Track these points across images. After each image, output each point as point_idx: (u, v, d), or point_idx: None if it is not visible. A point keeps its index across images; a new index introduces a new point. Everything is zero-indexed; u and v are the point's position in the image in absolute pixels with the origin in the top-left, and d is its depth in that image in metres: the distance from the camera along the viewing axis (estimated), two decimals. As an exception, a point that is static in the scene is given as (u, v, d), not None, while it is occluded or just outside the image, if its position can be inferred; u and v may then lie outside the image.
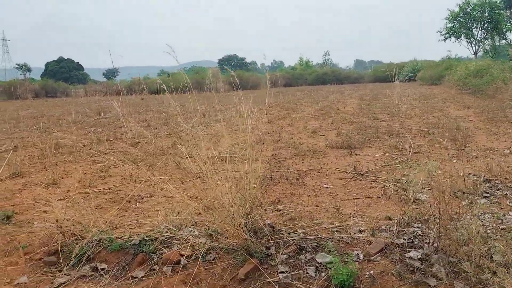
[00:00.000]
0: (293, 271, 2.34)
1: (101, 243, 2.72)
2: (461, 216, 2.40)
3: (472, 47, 46.44)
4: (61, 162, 5.82)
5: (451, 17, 45.55)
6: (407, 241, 2.62)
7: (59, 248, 2.66)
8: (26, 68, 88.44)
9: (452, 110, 11.01)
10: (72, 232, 2.75)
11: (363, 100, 16.26)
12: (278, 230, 2.78)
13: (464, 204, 2.77)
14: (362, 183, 4.19)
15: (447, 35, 46.36)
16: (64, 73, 74.91)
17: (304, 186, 4.19)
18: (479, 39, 45.67)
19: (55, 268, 2.56)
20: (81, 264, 2.56)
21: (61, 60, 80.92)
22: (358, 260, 2.44)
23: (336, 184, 4.21)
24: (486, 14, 43.12)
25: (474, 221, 2.36)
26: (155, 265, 2.52)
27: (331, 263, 2.34)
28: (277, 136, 7.40)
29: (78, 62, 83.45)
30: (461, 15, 44.67)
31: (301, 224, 3.01)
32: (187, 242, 2.64)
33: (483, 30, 45.09)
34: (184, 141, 7.32)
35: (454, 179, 3.94)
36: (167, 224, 2.91)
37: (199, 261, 2.45)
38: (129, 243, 2.74)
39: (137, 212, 3.52)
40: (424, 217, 3.03)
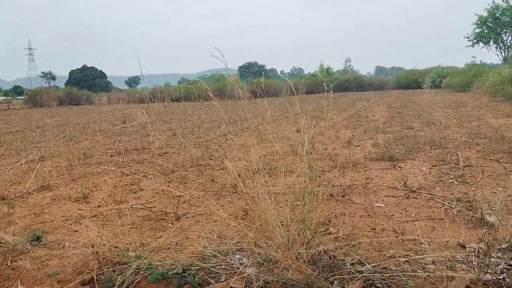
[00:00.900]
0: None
1: (141, 271, 2.43)
2: None
3: (501, 52, 45.04)
4: (89, 174, 5.62)
5: (479, 22, 44.30)
6: (496, 277, 2.23)
7: (95, 276, 2.38)
8: (51, 76, 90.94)
9: (490, 118, 10.41)
10: (109, 258, 2.47)
11: (391, 107, 15.74)
12: (340, 260, 2.43)
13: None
14: (417, 202, 3.79)
15: (475, 40, 45.14)
16: (88, 81, 76.56)
17: (352, 203, 3.83)
18: (509, 44, 44.25)
19: (91, 299, 2.29)
20: (120, 296, 2.28)
21: (84, 68, 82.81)
22: (442, 301, 2.07)
23: (388, 202, 3.83)
24: (516, 19, 41.89)
25: None
26: (202, 300, 2.21)
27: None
28: (310, 147, 7.04)
29: (101, 70, 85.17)
30: (490, 20, 43.37)
31: (360, 251, 2.66)
32: (235, 273, 2.32)
33: (513, 35, 43.80)
34: (213, 151, 7.09)
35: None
36: (211, 249, 2.61)
37: (254, 297, 2.13)
38: (171, 272, 2.44)
39: (175, 233, 3.23)
40: (502, 245, 2.64)
